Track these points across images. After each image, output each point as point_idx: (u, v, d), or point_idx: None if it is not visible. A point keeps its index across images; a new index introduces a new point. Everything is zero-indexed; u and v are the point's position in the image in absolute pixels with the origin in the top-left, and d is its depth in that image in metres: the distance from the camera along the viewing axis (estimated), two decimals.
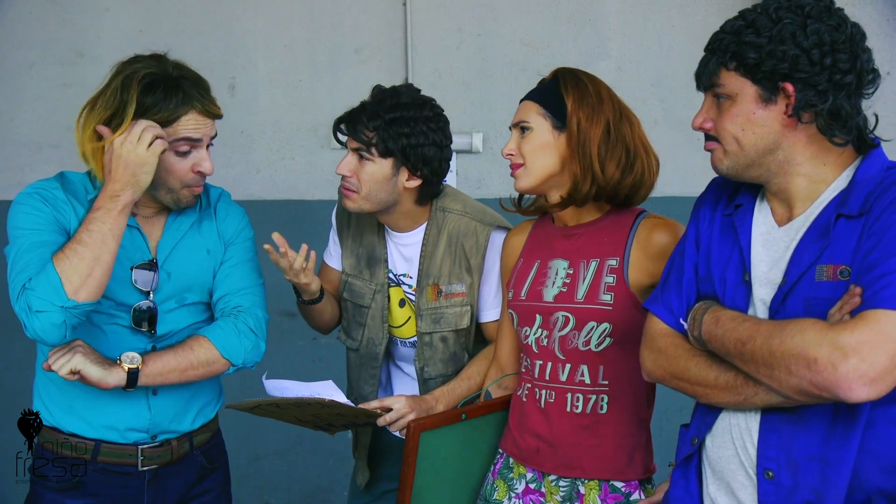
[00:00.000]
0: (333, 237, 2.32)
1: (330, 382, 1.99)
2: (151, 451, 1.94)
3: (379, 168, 2.04)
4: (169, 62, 1.87)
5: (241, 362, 1.95)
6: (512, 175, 1.92)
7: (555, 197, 1.90)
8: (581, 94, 1.85)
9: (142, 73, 1.81)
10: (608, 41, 3.73)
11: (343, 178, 2.09)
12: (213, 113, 1.88)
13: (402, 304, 2.20)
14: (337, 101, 3.69)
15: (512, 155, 1.90)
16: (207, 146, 1.90)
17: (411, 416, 2.01)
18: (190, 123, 1.84)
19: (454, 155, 3.55)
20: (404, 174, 2.06)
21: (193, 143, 1.85)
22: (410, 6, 3.65)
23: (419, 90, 2.12)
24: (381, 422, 2.03)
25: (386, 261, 2.20)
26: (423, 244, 2.15)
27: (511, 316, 1.97)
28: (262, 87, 3.70)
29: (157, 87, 1.80)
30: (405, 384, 2.25)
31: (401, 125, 2.02)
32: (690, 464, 1.57)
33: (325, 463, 3.74)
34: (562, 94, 1.86)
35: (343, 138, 2.12)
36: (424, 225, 2.16)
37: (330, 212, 2.37)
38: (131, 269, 1.89)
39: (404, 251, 2.19)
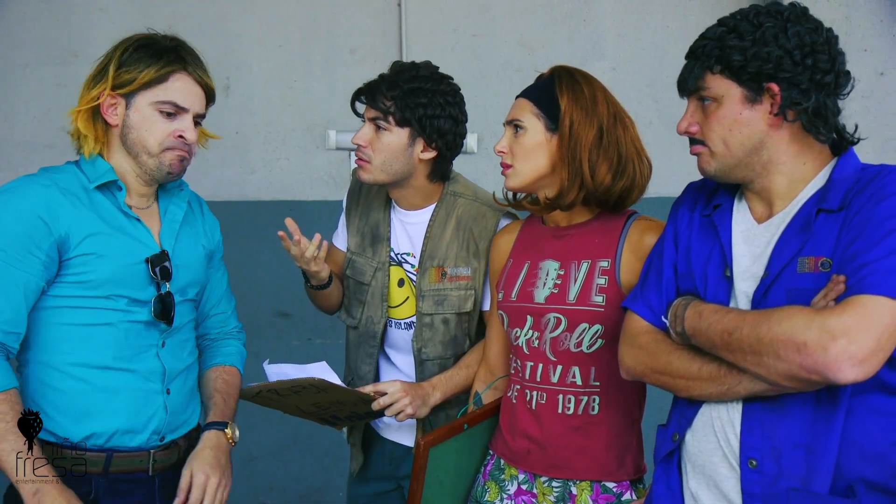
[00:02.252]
0: (342, 219, 2.35)
1: (323, 364, 2.02)
2: (161, 455, 1.87)
3: (395, 138, 2.08)
4: (167, 37, 1.88)
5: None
6: (502, 174, 1.93)
7: (544, 196, 1.90)
8: (575, 96, 1.84)
9: (135, 38, 1.85)
10: (603, 42, 3.73)
11: (358, 148, 2.12)
12: (205, 83, 1.86)
13: (401, 283, 2.21)
14: (332, 102, 3.70)
15: (503, 153, 1.90)
16: (196, 123, 1.87)
17: (406, 401, 2.05)
18: (179, 85, 1.82)
19: None
20: (420, 145, 2.10)
21: (180, 109, 1.83)
22: (405, 7, 3.65)
23: (437, 67, 2.16)
24: (375, 405, 2.05)
25: (388, 239, 2.22)
26: (428, 225, 2.18)
27: (501, 317, 1.96)
28: (257, 88, 3.70)
29: (147, 50, 1.81)
30: (392, 377, 2.24)
31: (418, 95, 2.07)
32: (671, 460, 1.60)
33: (321, 463, 3.74)
34: (556, 94, 1.86)
35: (360, 110, 2.16)
36: (433, 206, 2.19)
37: (325, 212, 2.39)
38: (146, 262, 1.83)
39: (410, 230, 2.21)
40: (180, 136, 1.83)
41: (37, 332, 1.79)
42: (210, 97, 1.91)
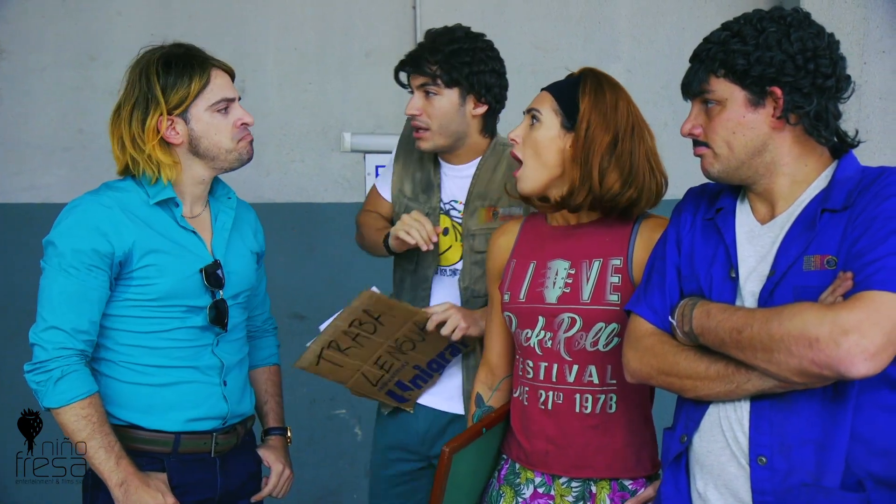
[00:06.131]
0: (390, 165, 2.40)
1: (373, 288, 2.06)
2: (223, 438, 2.03)
3: (447, 100, 2.17)
4: (174, 45, 1.99)
5: None
6: (513, 175, 1.93)
7: (554, 196, 1.90)
8: (596, 100, 1.85)
9: (154, 57, 1.93)
10: (618, 44, 3.72)
11: (413, 118, 2.18)
12: (227, 68, 2.01)
13: (445, 232, 2.27)
14: (347, 104, 3.71)
15: (516, 142, 1.90)
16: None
17: (458, 316, 2.09)
18: (218, 81, 1.96)
19: None
20: (471, 102, 2.19)
21: (230, 100, 1.97)
22: (420, 9, 3.66)
23: (469, 27, 2.24)
24: (430, 324, 2.09)
25: (439, 186, 2.28)
26: (477, 168, 2.24)
27: (509, 319, 1.95)
28: (273, 90, 3.71)
29: (176, 66, 1.92)
30: None
31: (461, 55, 2.16)
32: (680, 462, 1.62)
33: (335, 465, 3.74)
34: (578, 95, 1.86)
35: (405, 81, 2.23)
36: (480, 158, 2.26)
37: (338, 214, 2.40)
38: (201, 272, 1.95)
39: (458, 181, 2.27)
40: (243, 124, 2.00)
41: (103, 335, 1.93)
42: (233, 78, 2.04)
